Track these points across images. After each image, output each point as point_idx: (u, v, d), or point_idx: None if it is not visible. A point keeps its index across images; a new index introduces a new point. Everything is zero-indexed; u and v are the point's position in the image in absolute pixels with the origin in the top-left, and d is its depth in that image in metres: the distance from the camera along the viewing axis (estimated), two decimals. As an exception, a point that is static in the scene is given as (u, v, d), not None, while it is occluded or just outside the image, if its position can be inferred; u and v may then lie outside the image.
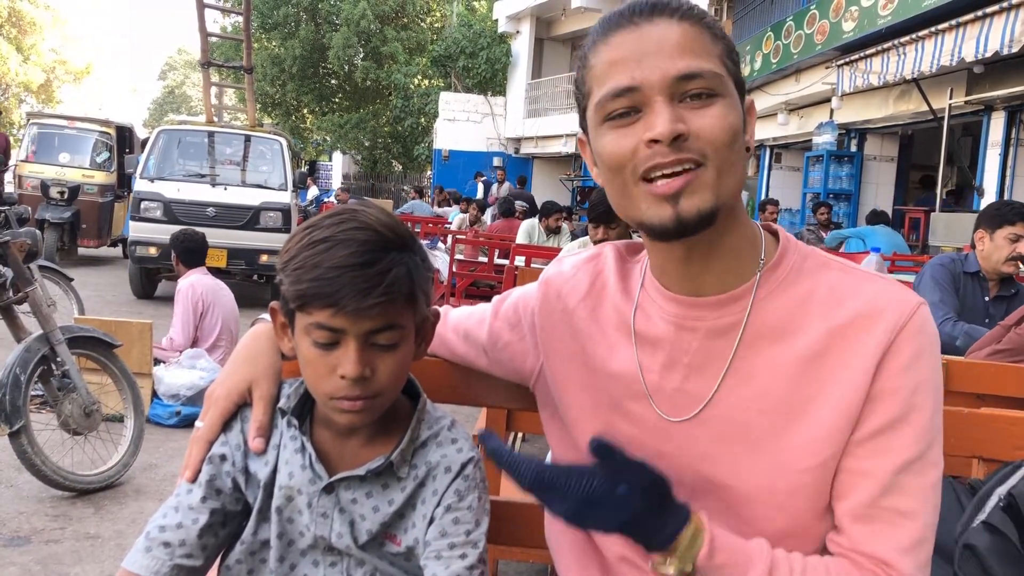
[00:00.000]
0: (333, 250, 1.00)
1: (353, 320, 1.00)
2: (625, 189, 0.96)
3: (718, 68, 0.93)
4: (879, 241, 7.32)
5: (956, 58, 7.65)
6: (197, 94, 51.33)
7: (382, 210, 1.09)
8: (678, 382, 1.02)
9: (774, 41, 11.93)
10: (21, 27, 32.70)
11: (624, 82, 0.92)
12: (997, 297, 3.43)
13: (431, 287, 1.11)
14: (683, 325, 1.02)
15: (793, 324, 0.98)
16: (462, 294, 7.03)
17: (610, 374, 1.07)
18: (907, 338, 0.93)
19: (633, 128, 0.93)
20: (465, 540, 1.09)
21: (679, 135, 0.90)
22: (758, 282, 1.00)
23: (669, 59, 0.91)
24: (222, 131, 9.70)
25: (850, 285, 0.98)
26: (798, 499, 0.96)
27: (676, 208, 0.92)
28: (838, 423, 0.94)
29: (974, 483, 1.42)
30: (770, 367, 0.98)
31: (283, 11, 26.41)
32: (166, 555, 1.07)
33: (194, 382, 4.71)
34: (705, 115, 0.91)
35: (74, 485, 3.45)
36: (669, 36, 0.92)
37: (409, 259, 1.04)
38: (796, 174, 13.67)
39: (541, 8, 20.62)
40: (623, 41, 0.94)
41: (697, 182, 0.91)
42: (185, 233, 5.50)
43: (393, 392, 1.08)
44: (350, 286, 0.98)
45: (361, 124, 26.71)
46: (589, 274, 1.15)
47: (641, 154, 0.92)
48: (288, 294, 1.03)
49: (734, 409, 0.99)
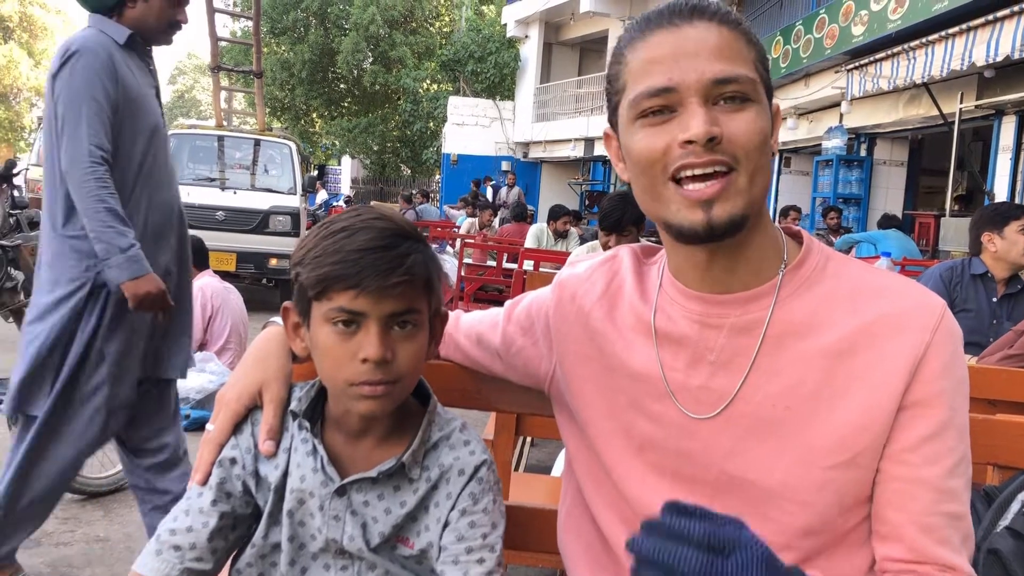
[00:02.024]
0: (354, 236, 1.02)
1: (375, 302, 1.01)
2: (654, 188, 0.97)
3: (752, 73, 0.95)
4: (890, 246, 7.29)
5: (967, 62, 7.63)
6: (207, 98, 51.62)
7: (393, 211, 1.12)
8: (703, 379, 1.02)
9: (783, 45, 11.91)
10: (33, 32, 32.93)
11: (661, 82, 0.93)
12: (1004, 296, 3.48)
13: (442, 284, 1.12)
14: (707, 323, 1.02)
15: (818, 320, 0.99)
16: (471, 298, 7.03)
17: (629, 374, 1.07)
18: (941, 341, 0.95)
19: (667, 127, 0.94)
20: (482, 544, 1.09)
21: (713, 137, 0.91)
22: (781, 281, 1.01)
23: (706, 62, 0.92)
24: (232, 135, 9.73)
25: (873, 283, 1.00)
26: (822, 496, 0.96)
27: (708, 213, 0.93)
28: (867, 423, 0.95)
29: (988, 490, 1.41)
30: (796, 363, 0.98)
31: (292, 16, 26.55)
32: (176, 558, 1.07)
33: (204, 385, 4.72)
34: (738, 119, 0.93)
35: (84, 488, 3.45)
36: (707, 39, 0.93)
37: (424, 249, 1.07)
38: (806, 178, 13.64)
39: (550, 13, 20.64)
40: (662, 41, 0.95)
41: (731, 188, 0.93)
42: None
43: (411, 380, 1.08)
44: (372, 267, 1.00)
45: (370, 128, 26.81)
46: (605, 276, 1.15)
47: (674, 153, 0.93)
48: (308, 281, 1.03)
49: (760, 405, 0.99)
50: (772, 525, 0.97)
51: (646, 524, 0.78)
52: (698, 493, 1.02)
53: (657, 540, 0.75)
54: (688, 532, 0.75)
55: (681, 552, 0.74)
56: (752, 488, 0.99)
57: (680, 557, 0.73)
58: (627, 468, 1.07)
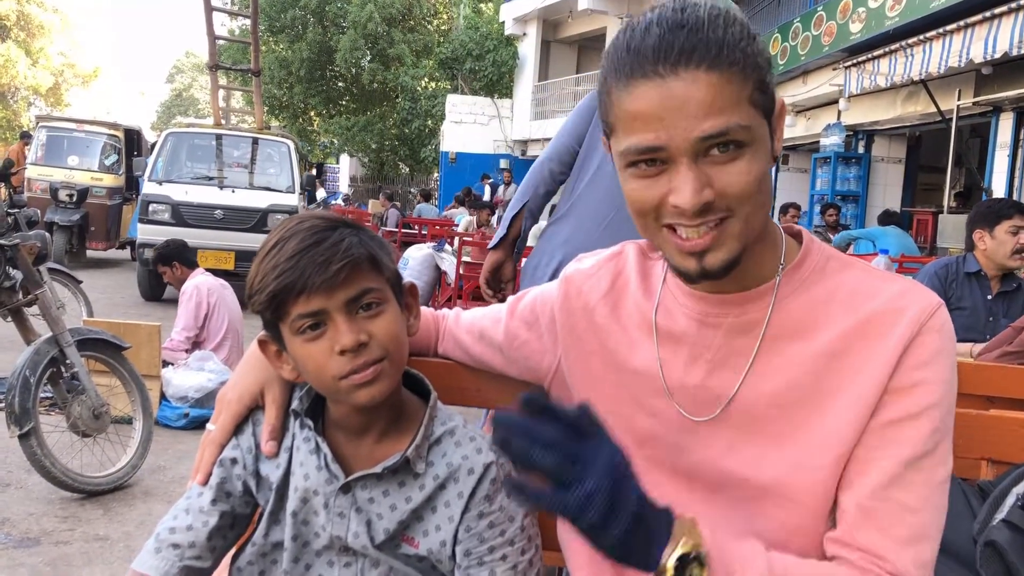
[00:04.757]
0: (285, 246, 1.04)
1: (327, 296, 1.02)
2: (647, 231, 0.97)
3: (745, 118, 0.89)
4: (889, 243, 7.29)
5: (964, 59, 7.64)
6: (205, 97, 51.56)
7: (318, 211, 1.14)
8: (700, 378, 1.03)
9: (781, 42, 11.92)
10: (30, 30, 32.88)
11: (648, 141, 0.89)
12: (999, 294, 3.46)
13: (391, 255, 1.13)
14: (705, 321, 1.03)
15: (815, 321, 0.99)
16: (469, 296, 7.03)
17: (631, 370, 1.08)
18: (927, 335, 0.94)
19: (658, 181, 0.92)
20: (503, 541, 1.10)
21: (704, 202, 0.89)
22: (780, 281, 1.01)
23: (694, 119, 0.87)
24: (230, 134, 9.73)
25: (872, 285, 0.99)
26: (814, 493, 0.96)
27: (701, 263, 0.93)
28: (856, 419, 0.95)
29: (983, 484, 1.42)
30: (792, 363, 0.98)
31: (290, 14, 26.51)
32: (175, 556, 1.08)
33: (202, 384, 4.73)
34: (731, 171, 0.89)
35: (83, 487, 3.46)
36: (694, 94, 0.87)
37: (358, 231, 1.08)
38: (803, 176, 13.65)
39: (548, 10, 20.63)
40: (645, 94, 0.89)
41: (724, 235, 0.92)
42: (172, 242, 5.53)
43: (398, 355, 1.08)
44: (310, 265, 1.02)
45: (368, 127, 26.78)
46: (611, 272, 1.16)
47: (666, 209, 0.92)
48: (262, 306, 1.05)
49: (756, 405, 1.00)
50: (768, 522, 0.98)
51: None
52: (696, 488, 1.04)
53: None
54: None
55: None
56: (747, 485, 1.00)
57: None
58: None
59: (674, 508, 0.87)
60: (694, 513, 1.00)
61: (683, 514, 0.87)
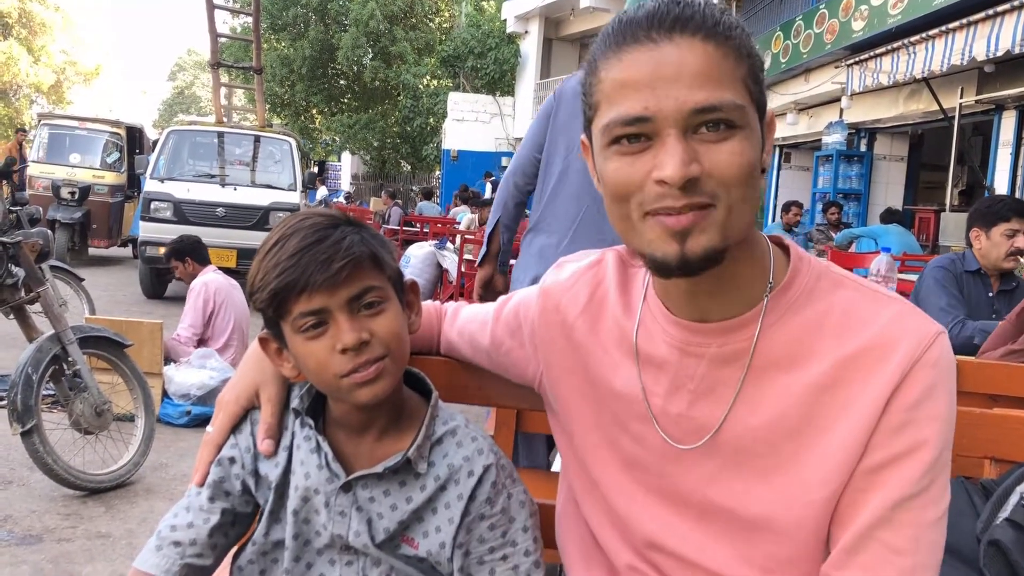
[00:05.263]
0: (287, 244, 1.04)
1: (329, 294, 1.02)
2: (628, 220, 0.89)
3: (739, 97, 0.85)
4: (891, 241, 7.27)
5: (967, 57, 7.62)
6: (207, 95, 51.56)
7: (320, 208, 1.14)
8: (683, 407, 0.99)
9: (783, 40, 11.91)
10: (31, 28, 32.90)
11: (636, 110, 0.84)
12: (1000, 292, 3.44)
13: (392, 253, 1.12)
14: (687, 351, 0.98)
15: (804, 351, 0.93)
16: (470, 294, 7.03)
17: (613, 392, 1.05)
18: (920, 372, 0.88)
19: (642, 158, 0.86)
20: (503, 541, 1.10)
21: (690, 178, 0.83)
22: (766, 307, 0.95)
23: (687, 88, 0.82)
24: (232, 132, 9.73)
25: (865, 309, 0.93)
26: (803, 528, 0.93)
27: (682, 246, 0.85)
28: (846, 456, 0.90)
29: (986, 483, 1.42)
30: (781, 396, 0.93)
31: (292, 12, 26.51)
32: (177, 554, 1.09)
33: (204, 382, 4.73)
34: (721, 151, 0.84)
35: (85, 484, 3.46)
36: (689, 61, 0.83)
37: (359, 229, 1.08)
38: (806, 174, 13.64)
39: (550, 8, 20.62)
40: (637, 60, 0.85)
41: (706, 221, 0.85)
42: (187, 237, 5.55)
43: (399, 353, 1.08)
44: (312, 263, 1.01)
45: (370, 124, 26.78)
46: (589, 284, 1.11)
47: (649, 190, 0.85)
48: (264, 303, 1.05)
49: (743, 438, 0.95)
50: (757, 553, 0.96)
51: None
52: (686, 514, 1.01)
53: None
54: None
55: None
56: (734, 517, 0.97)
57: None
58: (615, 482, 1.06)
59: (664, 530, 0.86)
60: (685, 537, 0.99)
61: None
